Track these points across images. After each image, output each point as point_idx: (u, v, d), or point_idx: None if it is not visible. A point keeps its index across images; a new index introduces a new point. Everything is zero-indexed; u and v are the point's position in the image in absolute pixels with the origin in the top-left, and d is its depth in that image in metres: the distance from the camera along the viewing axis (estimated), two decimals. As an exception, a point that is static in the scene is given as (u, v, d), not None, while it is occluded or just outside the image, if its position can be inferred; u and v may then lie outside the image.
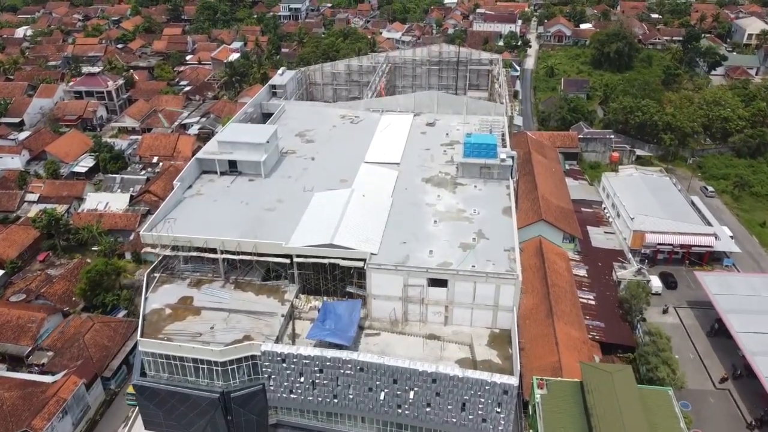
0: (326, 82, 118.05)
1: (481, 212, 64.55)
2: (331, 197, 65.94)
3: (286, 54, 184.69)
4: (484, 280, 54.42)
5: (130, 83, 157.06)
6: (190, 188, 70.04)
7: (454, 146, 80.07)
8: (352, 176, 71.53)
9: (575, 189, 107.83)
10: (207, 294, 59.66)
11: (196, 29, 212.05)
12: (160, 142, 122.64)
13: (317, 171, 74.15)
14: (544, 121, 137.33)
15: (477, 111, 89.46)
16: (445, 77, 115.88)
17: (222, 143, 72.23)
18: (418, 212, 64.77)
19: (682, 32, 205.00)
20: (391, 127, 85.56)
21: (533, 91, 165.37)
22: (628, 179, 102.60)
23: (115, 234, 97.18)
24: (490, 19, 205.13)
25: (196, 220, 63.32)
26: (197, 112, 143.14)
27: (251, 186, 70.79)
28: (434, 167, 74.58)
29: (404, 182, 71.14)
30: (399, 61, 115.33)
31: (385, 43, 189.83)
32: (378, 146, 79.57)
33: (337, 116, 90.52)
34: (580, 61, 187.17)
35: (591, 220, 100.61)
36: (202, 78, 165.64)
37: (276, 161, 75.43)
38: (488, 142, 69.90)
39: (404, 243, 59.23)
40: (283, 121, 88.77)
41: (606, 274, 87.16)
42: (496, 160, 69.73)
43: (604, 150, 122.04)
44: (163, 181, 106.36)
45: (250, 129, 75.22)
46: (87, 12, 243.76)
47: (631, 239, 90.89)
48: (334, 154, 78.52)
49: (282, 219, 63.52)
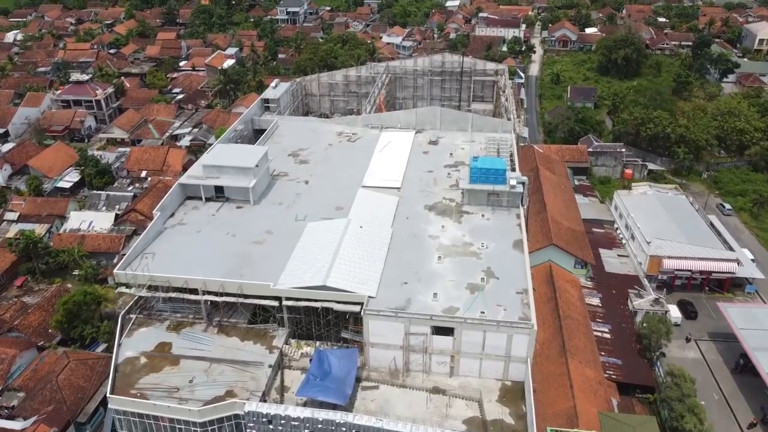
0: (323, 93, 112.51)
1: (489, 246, 58.88)
2: (326, 228, 60.31)
3: (282, 60, 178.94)
4: (494, 329, 48.75)
5: (120, 91, 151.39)
6: (173, 216, 64.44)
7: (458, 168, 74.45)
8: (348, 203, 65.92)
9: (585, 207, 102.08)
10: (187, 339, 53.99)
11: (191, 34, 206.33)
12: (149, 155, 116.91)
13: (311, 196, 68.52)
14: (551, 133, 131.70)
15: (483, 128, 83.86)
16: (448, 88, 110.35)
17: (207, 167, 66.59)
18: (421, 246, 59.11)
19: (691, 37, 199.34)
20: (391, 145, 79.98)
21: (538, 99, 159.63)
22: (642, 198, 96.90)
23: (98, 257, 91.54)
24: (494, 23, 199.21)
25: (177, 256, 57.69)
26: (189, 122, 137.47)
27: (239, 214, 65.17)
28: (437, 192, 68.94)
29: (405, 210, 65.50)
30: (399, 71, 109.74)
31: (385, 48, 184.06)
32: (377, 168, 73.98)
33: (333, 133, 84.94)
34: (586, 67, 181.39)
35: (603, 241, 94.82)
36: (196, 85, 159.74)
37: (266, 185, 69.85)
38: (496, 166, 64.20)
39: (405, 284, 53.59)
40: (275, 139, 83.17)
41: (621, 303, 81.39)
42: (506, 187, 64.06)
43: (615, 164, 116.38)
44: (151, 198, 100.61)
45: (238, 151, 69.60)
46: (80, 15, 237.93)
47: (647, 264, 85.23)
48: (329, 176, 72.91)
49: (271, 254, 57.88)
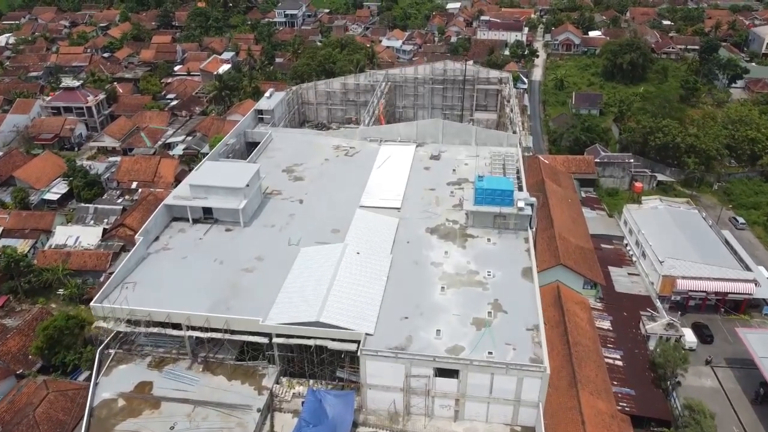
0: (320, 102, 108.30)
1: (496, 274, 54.76)
2: (320, 255, 56.17)
3: (280, 64, 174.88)
4: (503, 372, 44.59)
5: (112, 97, 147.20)
6: (157, 240, 60.28)
7: (462, 185, 70.31)
8: (345, 225, 61.78)
9: (593, 221, 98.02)
10: (170, 378, 49.85)
11: (186, 37, 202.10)
12: (140, 165, 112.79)
13: (305, 218, 64.38)
14: (555, 141, 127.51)
15: (487, 141, 79.74)
16: (450, 97, 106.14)
17: (195, 187, 62.39)
18: (423, 275, 54.97)
19: (697, 41, 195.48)
20: (391, 160, 75.84)
21: (542, 105, 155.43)
22: (653, 213, 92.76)
23: (84, 275, 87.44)
24: (496, 27, 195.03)
25: (160, 285, 53.55)
26: (183, 130, 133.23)
27: (228, 237, 61.02)
28: (440, 213, 64.79)
29: (405, 233, 61.35)
30: (399, 79, 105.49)
31: (384, 52, 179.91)
32: (375, 185, 69.84)
33: (330, 147, 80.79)
34: (591, 71, 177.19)
35: (612, 259, 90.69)
36: (190, 91, 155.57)
37: (258, 204, 65.70)
38: (503, 187, 60.03)
39: (406, 318, 49.47)
40: (269, 153, 79.03)
41: (633, 327, 77.32)
42: (513, 209, 59.90)
43: (623, 175, 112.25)
44: (140, 212, 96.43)
45: (227, 169, 65.37)
46: (74, 18, 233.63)
47: (660, 285, 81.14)
48: (325, 195, 68.76)
49: (261, 283, 53.76)
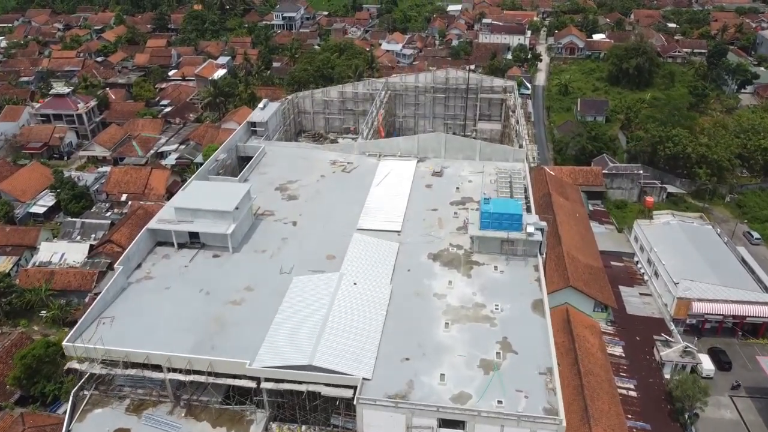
0: (317, 111, 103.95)
1: (505, 308, 50.56)
2: (314, 286, 51.97)
3: (277, 69, 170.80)
4: (515, 424, 40.41)
5: (104, 104, 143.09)
6: (139, 268, 56.09)
7: (466, 205, 66.05)
8: (341, 250, 57.55)
9: (602, 237, 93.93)
10: (149, 424, 45.64)
11: (182, 41, 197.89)
12: (130, 176, 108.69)
13: (299, 242, 60.15)
14: (561, 150, 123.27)
15: (492, 156, 75.49)
16: (452, 106, 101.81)
17: (180, 210, 58.12)
18: (425, 308, 50.76)
19: (703, 44, 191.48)
20: (391, 177, 71.61)
21: (546, 112, 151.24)
22: (665, 229, 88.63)
23: (68, 295, 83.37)
24: (498, 30, 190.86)
25: (140, 320, 49.36)
26: (176, 138, 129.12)
27: (215, 265, 56.79)
28: (443, 237, 60.54)
29: (406, 259, 57.13)
30: (399, 87, 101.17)
31: (384, 56, 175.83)
32: (374, 205, 65.61)
33: (326, 162, 76.53)
34: (596, 76, 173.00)
35: (623, 277, 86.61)
36: (185, 97, 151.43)
37: (249, 228, 61.48)
38: (511, 211, 55.78)
39: (407, 360, 45.27)
40: (261, 169, 74.81)
41: (646, 353, 73.30)
42: (522, 234, 55.70)
43: (632, 186, 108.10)
44: (129, 227, 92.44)
45: (215, 190, 61.03)
46: (69, 21, 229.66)
47: (674, 307, 77.02)
48: (320, 216, 64.52)
49: (250, 318, 49.57)
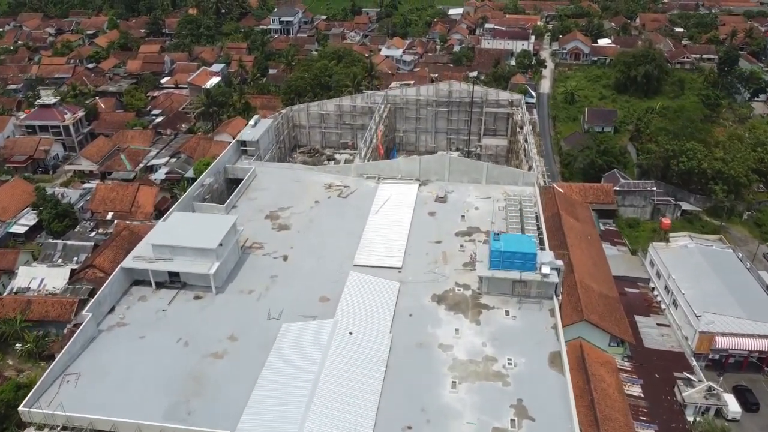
0: (313, 125, 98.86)
1: (518, 362, 45.23)
2: (305, 336, 46.60)
3: (273, 76, 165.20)
4: None
5: (92, 114, 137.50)
6: (112, 312, 50.73)
7: (473, 236, 60.77)
8: (336, 291, 52.26)
9: (615, 260, 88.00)
10: (116, 501, 40.38)
11: (176, 46, 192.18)
12: (117, 194, 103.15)
13: (290, 281, 54.82)
14: (569, 164, 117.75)
15: (500, 179, 70.21)
16: (456, 120, 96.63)
17: (158, 247, 52.77)
18: (429, 363, 45.43)
19: (712, 49, 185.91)
20: (391, 203, 66.26)
21: (552, 121, 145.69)
22: (683, 253, 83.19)
23: (46, 326, 77.90)
24: (501, 35, 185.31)
25: (108, 379, 43.99)
26: (167, 151, 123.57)
27: (196, 308, 51.44)
28: (448, 274, 55.22)
29: (408, 302, 51.80)
30: (400, 101, 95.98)
31: (384, 63, 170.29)
32: (372, 237, 60.27)
33: (321, 185, 71.25)
34: (602, 83, 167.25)
35: (638, 306, 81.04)
36: (177, 106, 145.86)
37: (235, 264, 56.12)
38: (524, 249, 50.43)
39: (409, 429, 39.94)
40: (251, 194, 69.48)
41: (667, 393, 67.81)
42: (536, 275, 50.37)
43: (644, 204, 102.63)
44: (113, 250, 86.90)
45: (197, 223, 55.59)
46: (61, 25, 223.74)
47: (695, 342, 71.63)
48: (313, 250, 59.19)
49: (232, 375, 44.22)
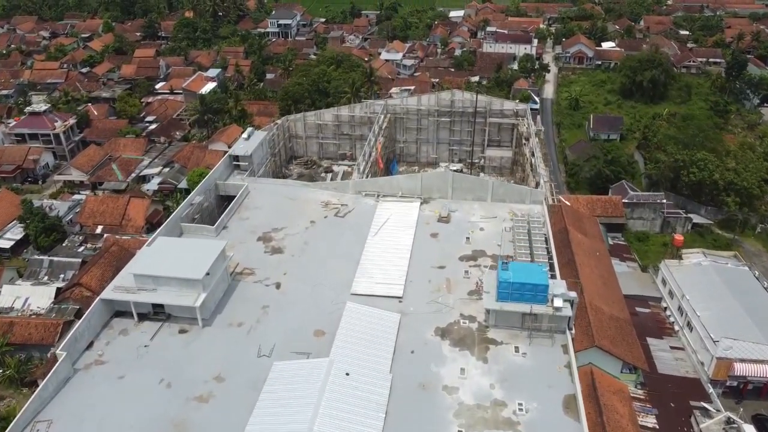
0: (310, 135, 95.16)
1: (530, 407, 41.43)
2: (298, 376, 42.84)
3: (270, 81, 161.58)
4: None
5: (84, 121, 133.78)
6: (90, 348, 47.02)
7: (478, 261, 57.03)
8: (332, 323, 48.52)
9: (625, 278, 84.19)
10: None
11: (172, 50, 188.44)
12: (107, 206, 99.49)
13: (282, 312, 51.07)
14: (575, 174, 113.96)
15: (506, 197, 66.45)
16: (458, 131, 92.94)
17: (140, 277, 49.03)
18: (432, 408, 41.64)
19: (719, 53, 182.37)
20: (391, 223, 62.52)
21: (556, 128, 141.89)
22: (697, 271, 79.46)
23: (29, 349, 74.17)
24: (503, 39, 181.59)
25: (83, 426, 40.29)
26: (160, 160, 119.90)
27: (181, 344, 47.67)
28: (452, 304, 51.44)
29: (409, 336, 48.05)
30: (400, 111, 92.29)
31: (383, 67, 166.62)
32: (371, 262, 56.51)
33: (317, 203, 67.48)
34: (607, 88, 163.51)
35: (650, 327, 77.24)
36: (172, 113, 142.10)
37: (224, 292, 52.38)
38: (535, 280, 46.64)
39: (411, 488, 36.33)
40: (243, 213, 65.72)
41: (683, 423, 63.97)
42: (548, 309, 46.65)
43: (654, 217, 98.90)
44: (101, 267, 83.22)
45: (182, 250, 51.72)
46: (55, 28, 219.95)
47: (713, 368, 67.96)
48: (308, 276, 55.43)
49: (217, 423, 40.44)
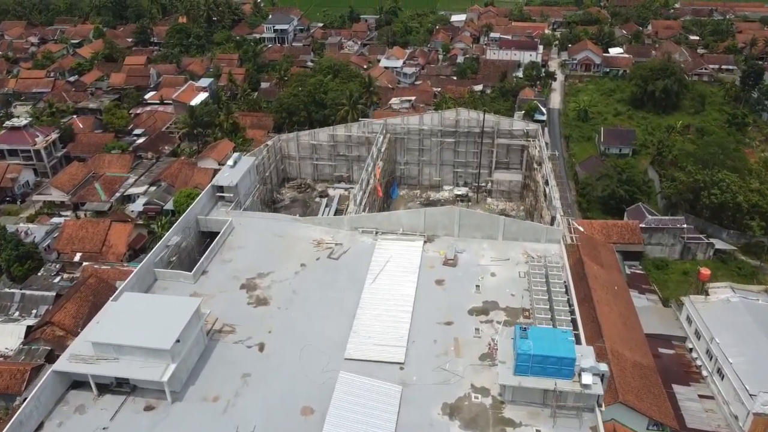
0: (303, 156, 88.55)
1: None
2: (280, 474, 36.18)
3: (265, 91, 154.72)
4: None
5: (68, 135, 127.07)
6: (41, 429, 40.29)
7: (490, 315, 50.15)
8: (322, 397, 41.67)
9: (645, 313, 77.49)
10: None
11: (164, 56, 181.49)
12: (86, 231, 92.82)
13: (265, 382, 44.18)
14: (586, 193, 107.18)
15: (519, 235, 59.61)
16: (464, 152, 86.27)
17: (100, 345, 42.23)
18: None
19: (731, 59, 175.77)
20: (391, 267, 55.73)
21: (565, 141, 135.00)
22: (726, 309, 72.77)
23: (-7, 399, 67.21)
24: (507, 45, 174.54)
25: None
26: (146, 178, 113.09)
27: (147, 424, 40.76)
28: (462, 372, 44.61)
29: (412, 415, 41.17)
30: (401, 130, 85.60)
31: (383, 75, 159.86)
32: (368, 317, 49.66)
33: (309, 242, 60.63)
34: (616, 98, 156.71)
35: (676, 371, 70.59)
36: (161, 125, 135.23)
37: (198, 357, 45.59)
38: (560, 353, 39.68)
39: None
40: (226, 254, 58.90)
41: (718, 491, 57.46)
42: (574, 385, 39.83)
43: (673, 243, 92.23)
44: (76, 303, 76.39)
45: (150, 310, 44.78)
46: (44, 34, 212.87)
47: (749, 425, 61.13)
48: (296, 335, 48.61)
49: None
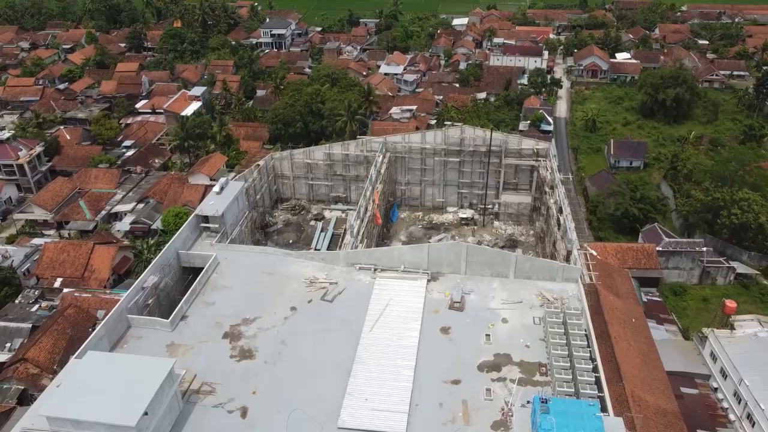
0: (298, 175, 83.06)
1: None
2: None
3: (260, 99, 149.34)
4: None
5: (54, 148, 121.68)
6: None
7: (503, 372, 44.49)
8: (312, 479, 36.32)
9: (665, 348, 71.55)
10: None
11: (157, 63, 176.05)
12: (68, 255, 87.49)
13: (247, 458, 38.88)
14: (596, 212, 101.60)
15: (532, 273, 53.98)
16: (469, 172, 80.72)
17: (56, 420, 36.63)
18: None
19: (743, 65, 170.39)
20: (391, 311, 50.16)
21: (573, 153, 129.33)
22: (754, 346, 67.34)
23: (-41, 448, 61.65)
24: (511, 51, 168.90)
25: None
26: (135, 194, 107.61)
27: None
28: (472, 446, 39.25)
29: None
30: (401, 149, 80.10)
31: (383, 83, 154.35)
32: (366, 375, 44.04)
33: (300, 281, 55.02)
34: (625, 106, 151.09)
35: (701, 416, 64.90)
36: (152, 137, 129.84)
37: (171, 427, 40.00)
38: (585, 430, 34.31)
39: None
40: (209, 295, 53.27)
41: None
42: (604, 470, 34.30)
43: (692, 267, 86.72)
44: (53, 336, 71.06)
45: (116, 374, 38.96)
46: (35, 39, 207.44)
47: (785, 481, 55.39)
48: (283, 398, 42.88)
49: None
